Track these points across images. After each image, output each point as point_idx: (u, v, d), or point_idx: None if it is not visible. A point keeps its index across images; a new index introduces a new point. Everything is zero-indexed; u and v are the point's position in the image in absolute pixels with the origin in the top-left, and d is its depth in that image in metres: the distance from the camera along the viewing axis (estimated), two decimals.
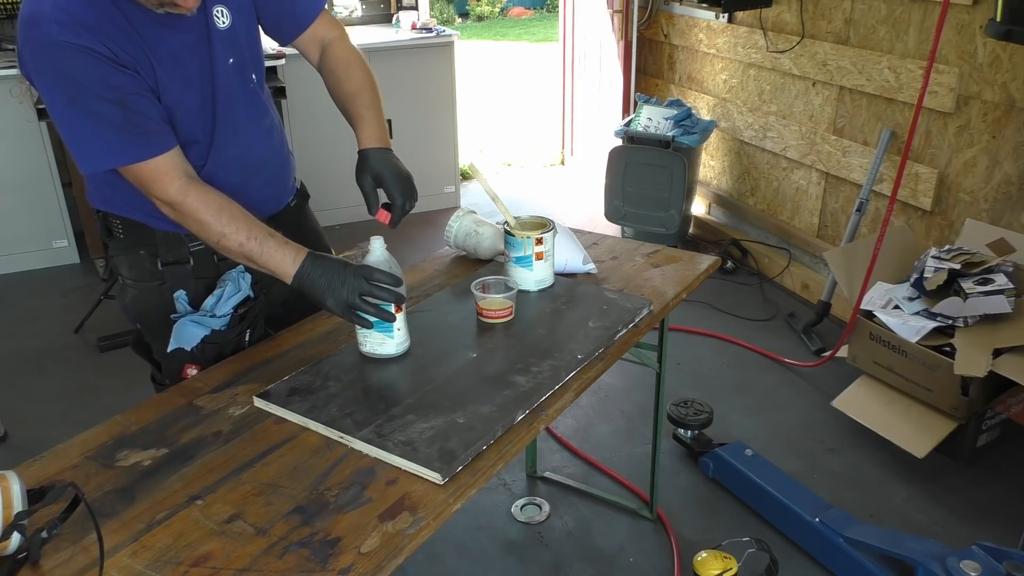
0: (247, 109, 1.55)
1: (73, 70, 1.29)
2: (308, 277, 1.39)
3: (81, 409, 2.90)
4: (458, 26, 12.08)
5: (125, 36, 1.32)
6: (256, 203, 1.54)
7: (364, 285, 1.37)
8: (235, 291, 1.58)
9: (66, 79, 1.29)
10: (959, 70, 2.77)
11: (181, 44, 1.41)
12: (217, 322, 1.55)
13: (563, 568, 2.19)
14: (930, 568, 1.88)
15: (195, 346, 1.53)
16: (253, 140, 1.58)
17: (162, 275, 1.58)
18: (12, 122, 3.75)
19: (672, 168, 3.79)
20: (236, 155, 1.54)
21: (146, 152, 1.36)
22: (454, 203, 4.75)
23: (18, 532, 1.02)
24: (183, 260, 1.58)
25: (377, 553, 1.06)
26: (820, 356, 3.07)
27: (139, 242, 1.57)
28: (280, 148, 1.68)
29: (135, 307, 1.62)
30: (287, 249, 1.41)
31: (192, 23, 1.41)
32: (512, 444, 1.28)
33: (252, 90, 1.56)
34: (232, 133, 1.52)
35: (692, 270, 1.90)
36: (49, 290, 3.84)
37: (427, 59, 4.44)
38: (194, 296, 1.59)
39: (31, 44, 1.29)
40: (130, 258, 1.59)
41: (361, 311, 1.38)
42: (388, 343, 1.46)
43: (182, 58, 1.41)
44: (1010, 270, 2.45)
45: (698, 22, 4.07)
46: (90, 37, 1.28)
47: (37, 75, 1.32)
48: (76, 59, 1.28)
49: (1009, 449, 2.58)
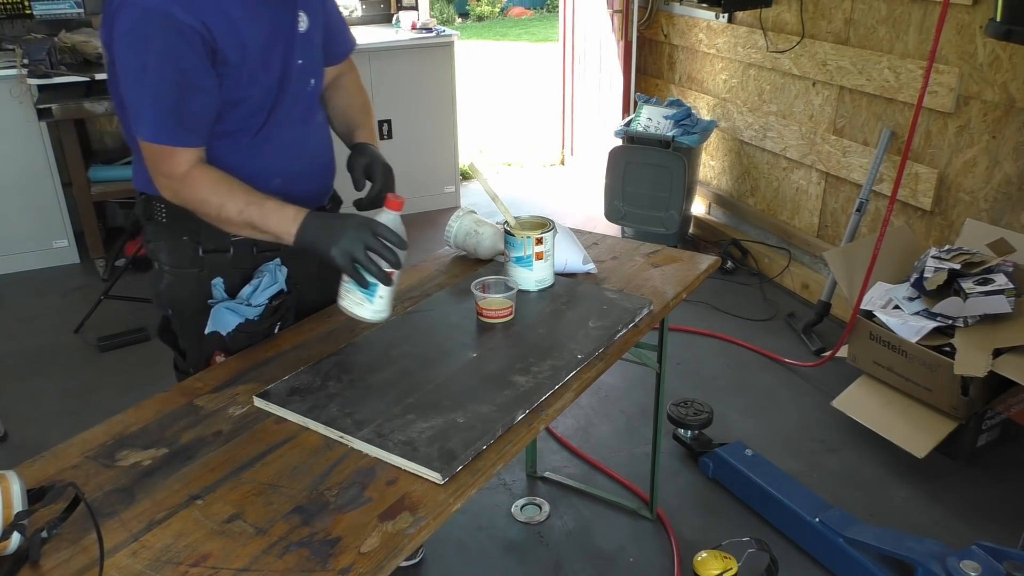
0: (302, 107, 1.61)
1: (161, 42, 1.34)
2: (311, 230, 1.41)
3: (81, 409, 2.90)
4: (458, 26, 12.08)
5: (226, 20, 1.38)
6: (306, 195, 1.60)
7: (370, 239, 1.37)
8: (272, 282, 1.59)
9: (150, 48, 1.35)
10: (959, 70, 2.77)
11: (268, 40, 1.47)
12: (252, 311, 1.56)
13: (563, 568, 2.19)
14: (930, 568, 1.88)
15: (229, 333, 1.54)
16: (306, 132, 1.64)
17: (202, 262, 1.60)
18: (12, 122, 3.75)
19: (672, 168, 3.79)
20: (289, 141, 1.59)
21: (175, 141, 1.42)
22: (454, 203, 4.75)
23: (18, 532, 1.02)
24: (224, 249, 1.60)
25: (377, 553, 1.06)
26: (820, 356, 3.07)
27: (182, 228, 1.59)
28: (328, 147, 1.75)
29: (169, 293, 1.64)
30: (287, 209, 1.43)
31: (282, 22, 1.48)
32: (512, 444, 1.28)
33: (310, 93, 1.62)
34: (286, 122, 1.58)
35: (692, 270, 1.90)
36: (49, 290, 3.84)
37: (427, 59, 4.44)
38: (230, 286, 1.61)
39: (131, 6, 1.33)
40: (171, 244, 1.61)
41: (364, 265, 1.37)
42: (366, 306, 1.42)
43: (266, 53, 1.47)
44: (1010, 270, 2.45)
45: (698, 22, 4.07)
46: (195, 14, 1.34)
47: (126, 34, 1.36)
48: (168, 34, 1.33)
49: (1009, 449, 2.58)
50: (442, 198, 4.73)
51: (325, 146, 1.71)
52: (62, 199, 3.98)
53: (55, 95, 3.69)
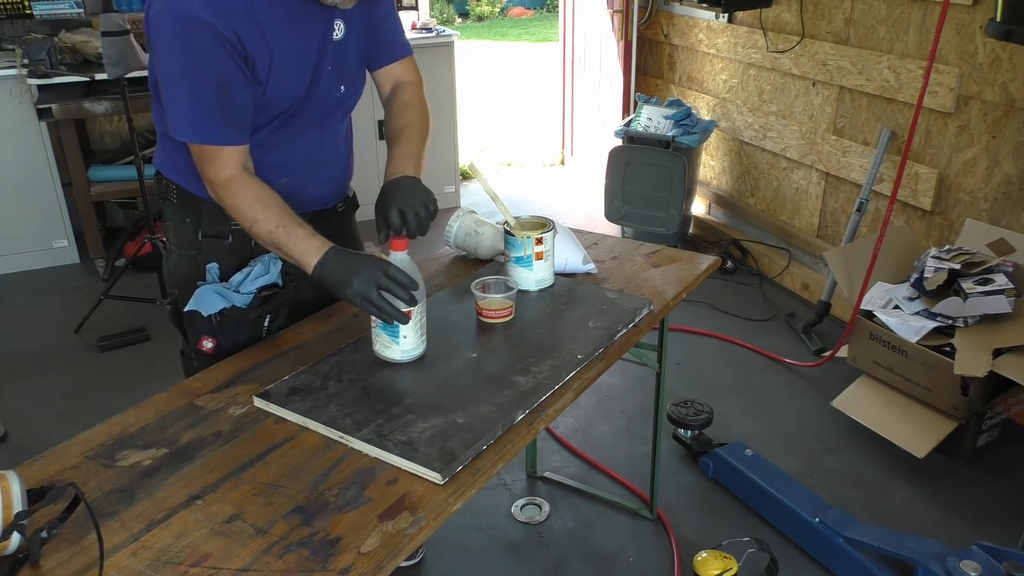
0: (326, 112, 1.62)
1: (198, 46, 1.37)
2: (329, 268, 1.42)
3: (81, 409, 2.89)
4: (458, 26, 12.08)
5: (255, 28, 1.40)
6: (312, 197, 1.67)
7: (382, 279, 1.39)
8: (263, 272, 1.61)
9: (187, 52, 1.37)
10: (959, 70, 2.77)
11: (299, 46, 1.48)
12: (240, 298, 1.57)
13: (563, 568, 2.19)
14: (930, 568, 1.88)
15: (214, 315, 1.55)
16: (323, 139, 1.65)
17: (200, 245, 1.63)
18: (12, 122, 3.75)
19: (672, 168, 3.79)
20: (304, 146, 1.61)
21: (221, 139, 1.45)
22: (454, 203, 4.74)
23: (18, 532, 1.02)
24: (223, 235, 1.63)
25: (377, 553, 1.06)
26: (820, 356, 3.07)
27: (187, 210, 1.63)
28: (346, 154, 1.77)
29: (175, 273, 1.68)
30: (313, 240, 1.46)
31: (315, 28, 1.49)
32: (512, 444, 1.28)
33: (338, 99, 1.62)
34: (306, 127, 1.59)
35: (692, 270, 1.90)
36: (49, 290, 3.83)
37: (427, 59, 4.43)
38: (225, 272, 1.64)
39: (171, 12, 1.35)
40: (178, 225, 1.65)
41: (376, 304, 1.39)
42: (394, 348, 1.46)
43: (296, 59, 1.49)
44: (1010, 270, 2.45)
45: (698, 22, 4.07)
46: (226, 22, 1.36)
47: (163, 39, 1.38)
48: (205, 37, 1.36)
49: (1009, 449, 2.58)
50: (442, 198, 4.67)
51: (338, 153, 1.72)
52: (62, 199, 3.98)
53: (55, 95, 3.69)
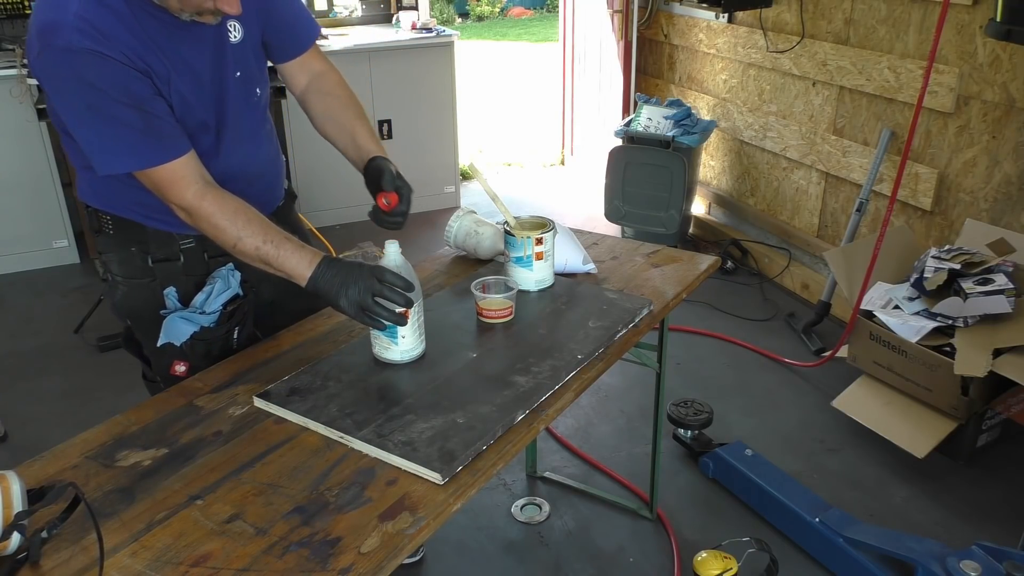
0: (250, 122, 1.58)
1: (92, 76, 1.30)
2: (323, 279, 1.40)
3: (81, 409, 2.89)
4: (458, 26, 12.08)
5: (142, 45, 1.34)
6: (255, 206, 1.55)
7: (376, 285, 1.37)
8: (224, 288, 1.59)
9: (85, 85, 1.31)
10: (959, 70, 2.77)
11: (196, 55, 1.43)
12: (206, 319, 1.56)
13: (563, 568, 2.19)
14: (930, 568, 1.88)
15: (184, 342, 1.54)
16: (254, 151, 1.61)
17: (153, 272, 1.60)
18: (12, 122, 3.74)
19: (672, 168, 3.79)
20: (238, 165, 1.57)
21: (164, 155, 1.38)
22: (454, 203, 4.74)
23: (18, 532, 1.02)
24: (174, 257, 1.60)
25: (377, 553, 1.06)
26: (820, 356, 3.07)
27: (129, 239, 1.58)
28: (276, 157, 1.72)
29: (125, 304, 1.63)
30: (303, 252, 1.42)
31: (208, 35, 1.44)
32: (512, 444, 1.28)
33: (255, 103, 1.59)
34: (236, 144, 1.55)
35: (692, 270, 1.90)
36: (49, 290, 3.83)
37: (427, 59, 4.44)
38: (184, 293, 1.61)
39: (49, 50, 1.29)
40: (120, 255, 1.60)
41: (373, 312, 1.38)
42: (393, 349, 1.45)
43: (196, 69, 1.44)
44: (1010, 270, 2.45)
45: (698, 22, 4.07)
46: (109, 45, 1.30)
47: (53, 81, 1.32)
48: (95, 65, 1.29)
49: (1009, 449, 2.58)
50: (442, 198, 4.73)
51: (270, 158, 1.68)
52: (62, 199, 3.98)
53: None
